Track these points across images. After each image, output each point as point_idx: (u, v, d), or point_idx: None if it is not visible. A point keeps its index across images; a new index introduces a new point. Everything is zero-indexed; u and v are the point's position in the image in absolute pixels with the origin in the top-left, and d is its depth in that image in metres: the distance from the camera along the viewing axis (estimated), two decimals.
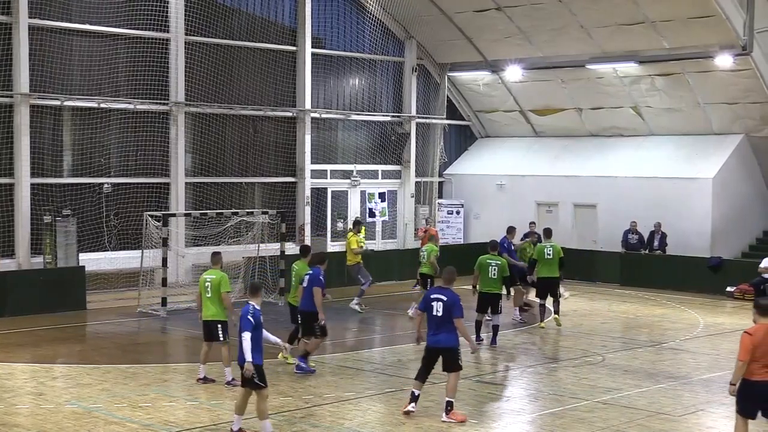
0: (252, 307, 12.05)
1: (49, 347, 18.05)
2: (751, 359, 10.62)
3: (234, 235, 24.38)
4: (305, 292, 15.78)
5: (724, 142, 28.43)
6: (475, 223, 32.57)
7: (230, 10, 27.28)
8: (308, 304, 15.75)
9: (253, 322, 11.86)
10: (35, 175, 23.33)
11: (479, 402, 14.12)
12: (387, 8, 30.61)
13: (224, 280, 14.86)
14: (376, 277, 27.17)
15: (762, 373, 10.57)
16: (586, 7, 27.39)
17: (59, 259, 23.01)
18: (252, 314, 11.93)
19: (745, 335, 10.69)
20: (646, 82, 28.75)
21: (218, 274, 14.91)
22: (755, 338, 10.60)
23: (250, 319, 11.87)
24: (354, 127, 30.80)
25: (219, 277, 14.84)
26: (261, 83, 27.83)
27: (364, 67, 30.82)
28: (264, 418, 11.87)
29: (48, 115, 23.70)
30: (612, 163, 29.86)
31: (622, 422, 12.93)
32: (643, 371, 16.50)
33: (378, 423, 12.84)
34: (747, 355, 10.57)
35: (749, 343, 10.58)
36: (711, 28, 25.72)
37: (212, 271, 15.06)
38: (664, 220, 27.47)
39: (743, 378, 10.70)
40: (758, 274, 24.92)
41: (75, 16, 24.01)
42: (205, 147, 26.74)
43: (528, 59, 30.26)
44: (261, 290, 12.61)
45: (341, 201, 30.34)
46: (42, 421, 12.64)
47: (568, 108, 31.21)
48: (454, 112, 33.64)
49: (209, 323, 14.90)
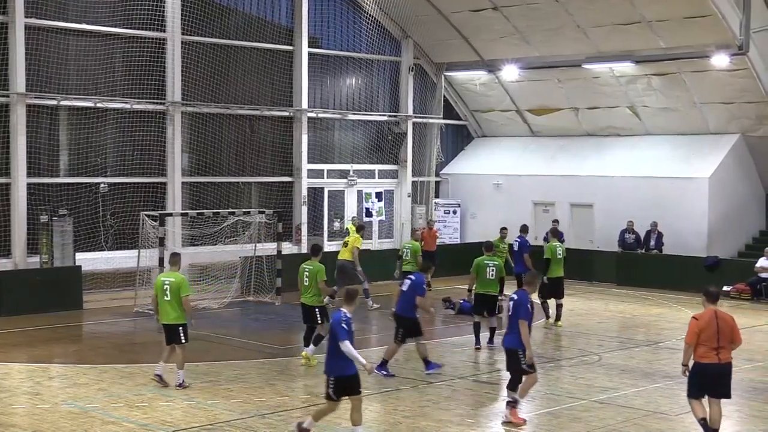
0: (344, 315, 11.53)
1: (45, 347, 18.03)
2: (698, 343, 11.43)
3: (231, 234, 24.37)
4: (403, 297, 15.59)
5: (720, 141, 28.46)
6: (471, 222, 32.58)
7: (227, 10, 27.26)
8: (405, 309, 15.57)
9: (347, 329, 11.39)
10: (32, 175, 23.29)
11: (476, 402, 14.13)
12: (384, 8, 30.62)
13: (184, 284, 14.40)
14: (373, 276, 27.22)
15: (711, 356, 11.37)
16: (582, 7, 27.40)
17: (56, 258, 22.97)
18: (345, 321, 11.44)
19: (693, 320, 11.57)
20: (642, 81, 28.77)
21: (177, 277, 14.45)
22: (701, 323, 11.43)
23: (344, 326, 11.38)
24: (351, 126, 30.80)
25: (178, 281, 14.36)
26: (258, 83, 27.81)
27: (361, 66, 30.82)
28: (358, 424, 11.70)
29: (44, 115, 23.66)
30: (608, 162, 29.88)
31: (618, 421, 12.94)
32: (640, 371, 16.52)
33: (375, 422, 12.84)
34: (692, 338, 11.44)
35: (695, 326, 11.44)
36: (707, 28, 25.74)
37: (170, 273, 14.63)
38: (660, 219, 27.51)
39: (696, 362, 11.51)
40: (755, 273, 25.13)
41: (71, 15, 23.97)
42: (202, 146, 26.72)
43: (524, 59, 30.27)
44: (357, 297, 11.95)
45: (338, 201, 30.33)
46: (38, 421, 12.63)
47: (565, 108, 31.23)
48: (451, 112, 33.65)
49: (171, 327, 14.51)
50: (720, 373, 11.50)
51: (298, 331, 20.91)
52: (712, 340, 11.36)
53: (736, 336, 11.61)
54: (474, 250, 23.14)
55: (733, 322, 11.66)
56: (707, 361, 11.39)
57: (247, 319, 21.86)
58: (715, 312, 11.56)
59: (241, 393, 14.26)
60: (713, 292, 11.76)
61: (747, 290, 25.02)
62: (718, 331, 11.41)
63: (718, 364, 11.43)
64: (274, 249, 24.09)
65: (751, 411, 13.75)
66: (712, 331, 11.38)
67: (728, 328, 11.52)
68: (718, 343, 11.39)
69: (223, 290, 23.62)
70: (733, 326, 11.59)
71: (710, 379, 11.47)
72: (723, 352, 11.43)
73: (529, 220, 30.30)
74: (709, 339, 11.36)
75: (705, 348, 11.39)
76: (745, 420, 13.30)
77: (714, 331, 11.40)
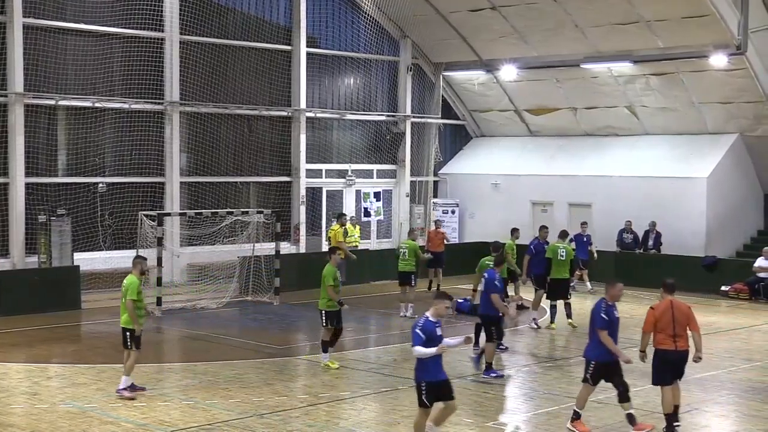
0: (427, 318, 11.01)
1: (43, 347, 18.01)
2: (656, 331, 12.27)
3: (229, 234, 24.36)
4: (483, 297, 15.65)
5: (718, 141, 28.47)
6: (470, 222, 32.57)
7: (225, 10, 27.25)
8: (487, 308, 15.63)
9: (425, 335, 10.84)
10: (30, 175, 23.29)
11: (475, 401, 14.12)
12: (382, 8, 30.62)
13: (131, 287, 13.86)
14: (371, 276, 27.22)
15: (668, 343, 12.17)
16: (580, 7, 27.41)
17: (54, 258, 22.96)
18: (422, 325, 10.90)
19: (650, 309, 12.44)
20: (640, 81, 28.77)
21: (129, 280, 13.98)
22: (656, 312, 12.31)
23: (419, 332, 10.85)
24: (349, 126, 30.79)
25: (128, 284, 13.92)
26: (256, 83, 27.80)
27: (359, 66, 30.81)
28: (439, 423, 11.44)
29: (42, 115, 23.65)
30: (607, 162, 29.89)
31: (617, 421, 12.93)
32: (638, 370, 16.46)
33: (373, 422, 12.84)
34: (648, 327, 12.33)
35: (651, 316, 12.32)
36: (705, 28, 25.75)
37: (129, 276, 14.16)
38: (658, 219, 27.52)
39: (657, 349, 12.29)
40: (753, 273, 25.14)
41: (69, 15, 23.97)
42: (200, 146, 26.71)
43: (523, 59, 30.27)
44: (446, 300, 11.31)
45: (336, 200, 30.32)
46: (37, 420, 12.62)
47: (563, 107, 31.23)
48: (449, 112, 33.65)
49: (122, 329, 14.20)
50: (679, 359, 12.30)
51: (296, 331, 20.97)
52: (668, 328, 12.18)
53: (692, 324, 12.31)
54: (472, 250, 23.25)
55: (689, 311, 12.38)
56: (666, 347, 12.19)
57: (246, 319, 21.85)
58: (671, 302, 12.35)
59: (240, 393, 14.25)
60: (669, 283, 12.60)
61: (745, 290, 25.03)
62: (673, 320, 12.20)
63: (676, 350, 12.21)
64: (272, 249, 24.08)
65: (749, 411, 13.75)
66: (668, 319, 12.19)
67: (684, 316, 12.28)
68: (674, 331, 12.19)
69: (221, 290, 23.63)
70: (689, 315, 12.33)
71: (671, 364, 12.26)
72: (680, 340, 12.22)
73: (528, 220, 30.38)
74: (666, 327, 12.19)
75: (663, 335, 12.21)
76: (744, 420, 13.31)
77: (669, 319, 12.20)
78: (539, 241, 21.36)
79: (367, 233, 30.73)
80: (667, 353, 12.19)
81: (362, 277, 27.16)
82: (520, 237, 23.64)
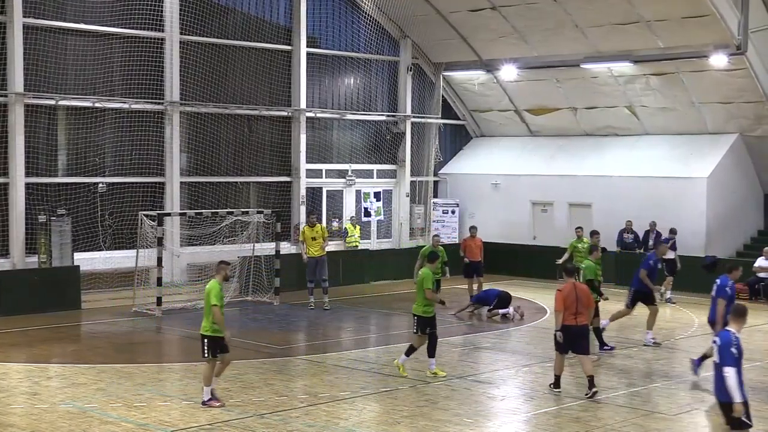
0: (734, 336, 10.31)
1: (43, 347, 18.02)
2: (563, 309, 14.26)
3: (229, 234, 24.37)
4: (713, 303, 15.47)
5: (718, 141, 28.47)
6: (470, 222, 32.50)
7: (225, 10, 27.23)
8: (714, 315, 15.47)
9: (736, 354, 10.15)
10: (30, 175, 23.28)
11: (475, 401, 14.13)
12: (382, 8, 30.61)
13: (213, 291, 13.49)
14: (371, 276, 27.22)
15: (571, 319, 14.25)
16: (580, 7, 27.40)
17: (54, 258, 22.95)
18: (735, 345, 10.17)
19: (558, 292, 14.41)
20: (640, 81, 28.77)
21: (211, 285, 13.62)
22: (563, 293, 14.29)
23: (733, 351, 10.13)
24: (349, 126, 30.79)
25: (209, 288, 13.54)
26: (256, 83, 27.79)
27: (360, 66, 30.80)
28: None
29: (42, 115, 23.64)
30: (607, 162, 29.88)
31: (617, 421, 12.94)
32: (638, 370, 16.53)
33: (373, 422, 12.84)
34: (560, 306, 14.25)
35: (559, 296, 14.30)
36: (705, 28, 25.74)
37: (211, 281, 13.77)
38: (659, 219, 27.49)
39: (563, 324, 14.26)
40: (753, 273, 25.14)
41: (69, 15, 23.95)
42: (200, 146, 26.70)
43: (523, 59, 30.26)
44: (746, 314, 10.66)
45: (336, 200, 30.32)
46: (37, 420, 12.62)
47: (563, 107, 31.23)
48: (449, 112, 33.64)
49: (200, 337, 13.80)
50: (578, 333, 14.36)
51: (296, 331, 20.98)
52: (572, 307, 14.27)
53: (590, 302, 14.72)
54: None
55: (589, 291, 14.80)
56: (568, 323, 14.27)
57: (246, 318, 21.84)
58: (573, 284, 14.55)
59: (240, 393, 14.25)
60: (569, 268, 15.23)
61: (745, 290, 25.02)
62: (576, 300, 14.30)
63: (576, 325, 14.31)
64: (272, 249, 24.09)
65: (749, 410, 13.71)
66: (572, 299, 14.28)
67: (585, 296, 14.49)
68: (577, 309, 14.30)
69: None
70: (589, 294, 14.68)
71: (572, 337, 14.28)
72: (580, 316, 14.35)
73: (528, 220, 30.38)
74: (570, 306, 14.27)
75: (567, 313, 14.26)
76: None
77: (573, 299, 14.29)
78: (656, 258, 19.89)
79: (367, 233, 30.73)
80: (569, 328, 14.26)
81: (362, 277, 27.19)
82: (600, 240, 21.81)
